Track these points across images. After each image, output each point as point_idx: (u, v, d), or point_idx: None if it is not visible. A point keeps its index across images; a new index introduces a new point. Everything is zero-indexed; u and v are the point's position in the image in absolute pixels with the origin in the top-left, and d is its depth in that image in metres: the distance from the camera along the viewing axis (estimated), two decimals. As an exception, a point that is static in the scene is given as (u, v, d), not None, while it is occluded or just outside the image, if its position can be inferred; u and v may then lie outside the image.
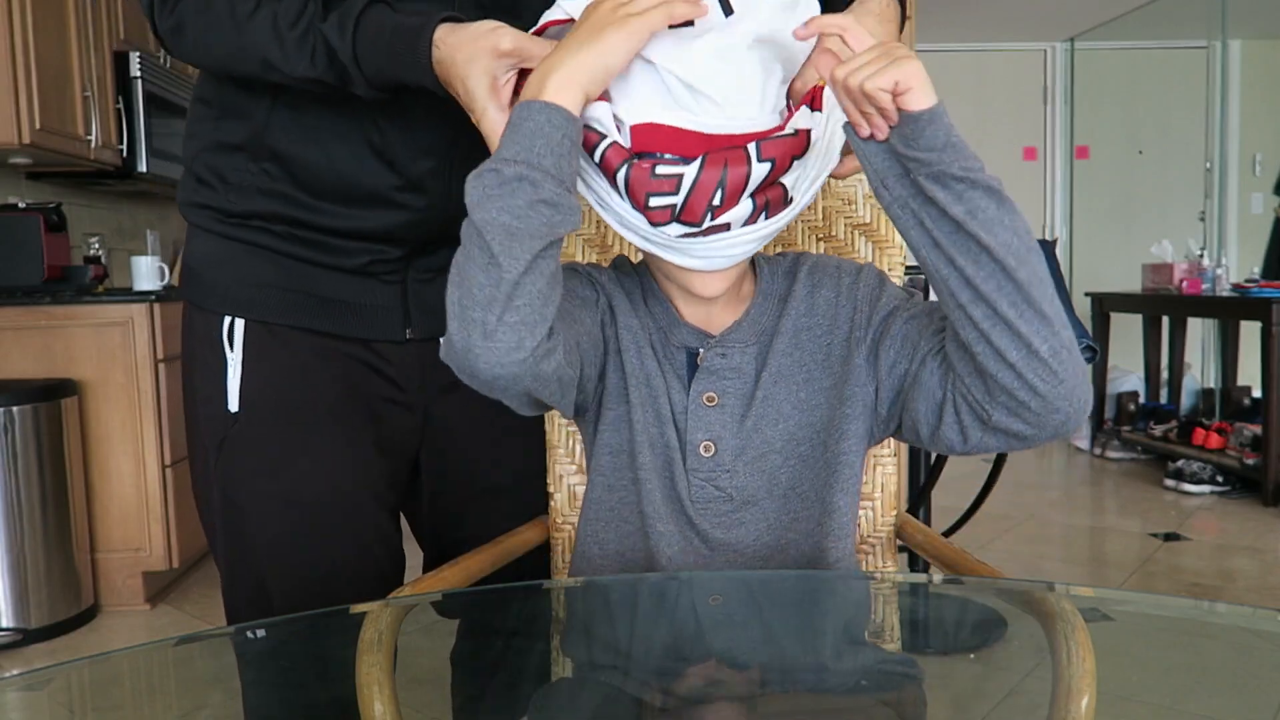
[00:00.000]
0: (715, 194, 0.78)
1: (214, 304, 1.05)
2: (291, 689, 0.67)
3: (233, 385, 1.03)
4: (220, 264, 1.05)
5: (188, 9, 0.92)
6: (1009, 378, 0.74)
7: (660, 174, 0.78)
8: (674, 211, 0.79)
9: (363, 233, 1.02)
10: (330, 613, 0.82)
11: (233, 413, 1.03)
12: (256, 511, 1.03)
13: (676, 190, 0.78)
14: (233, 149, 1.02)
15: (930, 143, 0.74)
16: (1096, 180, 5.85)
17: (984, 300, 0.74)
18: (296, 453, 1.03)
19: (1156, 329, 4.81)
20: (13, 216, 2.96)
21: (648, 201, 0.79)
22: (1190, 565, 3.07)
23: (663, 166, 0.78)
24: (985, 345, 0.74)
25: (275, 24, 0.88)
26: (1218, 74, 5.43)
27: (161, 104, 3.46)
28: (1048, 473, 4.58)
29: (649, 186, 0.78)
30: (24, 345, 2.75)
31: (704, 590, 0.85)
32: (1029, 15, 5.23)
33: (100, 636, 2.67)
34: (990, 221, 0.73)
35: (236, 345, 1.03)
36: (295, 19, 0.88)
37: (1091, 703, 0.62)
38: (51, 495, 2.63)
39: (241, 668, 0.73)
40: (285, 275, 1.03)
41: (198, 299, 1.07)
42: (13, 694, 0.66)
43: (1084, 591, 0.93)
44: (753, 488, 0.91)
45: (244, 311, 1.03)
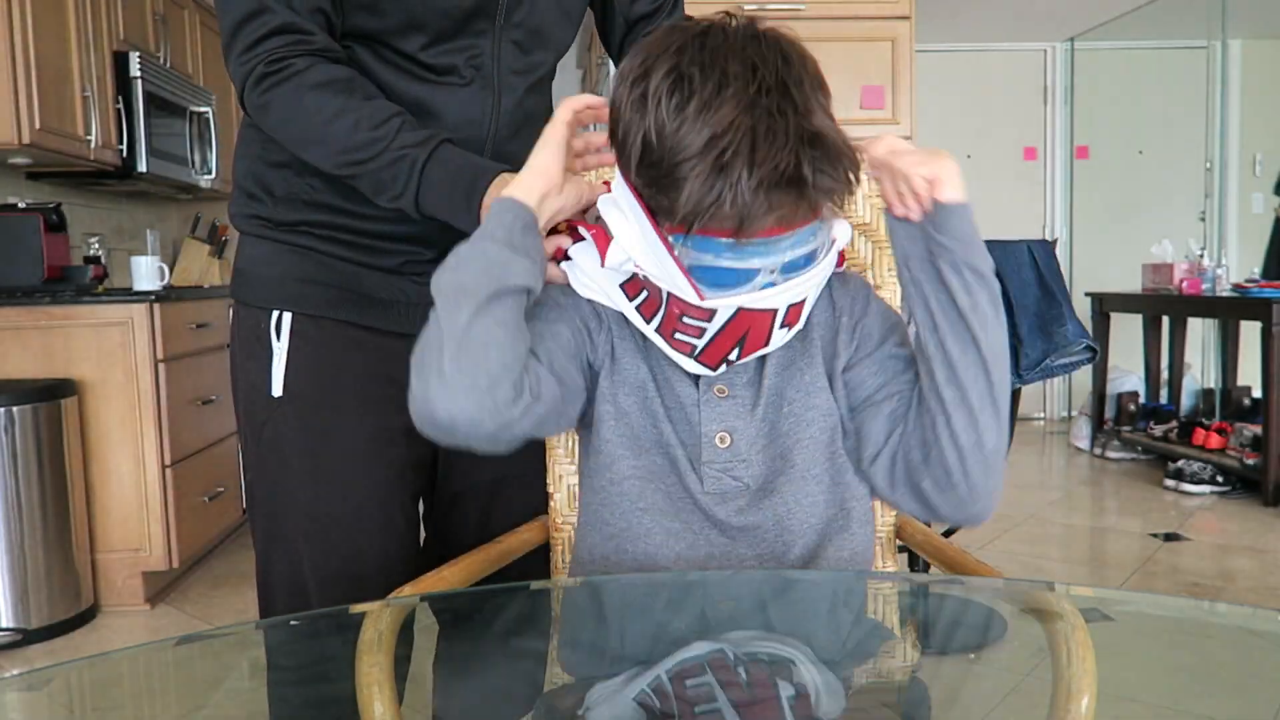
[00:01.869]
0: (732, 351, 0.87)
1: (263, 300, 1.12)
2: (292, 689, 0.67)
3: (277, 372, 1.10)
4: (269, 264, 1.12)
5: (283, 94, 0.98)
6: (952, 457, 0.82)
7: (686, 323, 0.86)
8: (693, 351, 0.88)
9: (397, 235, 1.10)
10: (330, 613, 0.82)
11: (276, 398, 1.10)
12: (292, 490, 1.10)
13: (700, 336, 0.86)
14: (279, 165, 1.10)
15: (957, 233, 0.82)
16: (1096, 180, 5.85)
17: (958, 384, 0.82)
18: (332, 435, 1.10)
19: (1156, 329, 4.81)
20: (13, 216, 2.96)
21: (673, 334, 0.88)
22: (1190, 565, 3.07)
23: (689, 319, 0.85)
24: (944, 421, 0.82)
25: (357, 122, 0.96)
26: (1218, 74, 5.43)
27: (161, 104, 3.46)
28: (1048, 473, 4.58)
29: (676, 327, 0.87)
30: (24, 345, 2.75)
31: (702, 590, 0.85)
32: (1029, 15, 5.22)
33: (100, 636, 2.67)
34: (986, 320, 0.82)
35: (284, 336, 1.10)
36: (383, 121, 0.96)
37: (1091, 703, 0.62)
38: (51, 495, 2.63)
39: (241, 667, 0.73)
40: (328, 273, 1.11)
41: (247, 297, 1.14)
42: (13, 694, 0.66)
43: (1084, 591, 0.93)
44: (770, 475, 0.92)
45: (291, 305, 1.10)
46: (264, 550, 1.14)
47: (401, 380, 1.09)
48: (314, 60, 0.97)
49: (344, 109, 0.96)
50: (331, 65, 0.98)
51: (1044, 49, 5.84)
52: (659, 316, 0.88)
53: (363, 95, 0.98)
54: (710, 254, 0.80)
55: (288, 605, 1.11)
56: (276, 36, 0.97)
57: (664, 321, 0.88)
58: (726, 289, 0.82)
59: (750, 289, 0.82)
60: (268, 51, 0.97)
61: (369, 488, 1.11)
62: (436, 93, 1.05)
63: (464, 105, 1.07)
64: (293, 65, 0.97)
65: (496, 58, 1.08)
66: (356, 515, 1.10)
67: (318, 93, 0.96)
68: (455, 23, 1.04)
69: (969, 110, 5.73)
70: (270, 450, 1.11)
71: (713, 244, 0.80)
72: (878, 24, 3.80)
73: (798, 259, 0.82)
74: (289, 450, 1.10)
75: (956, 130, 5.69)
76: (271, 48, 0.97)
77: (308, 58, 0.97)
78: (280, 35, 0.97)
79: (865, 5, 3.78)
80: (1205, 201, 5.43)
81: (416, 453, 1.15)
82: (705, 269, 0.81)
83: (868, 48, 3.80)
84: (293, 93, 0.97)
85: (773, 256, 0.80)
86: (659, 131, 0.77)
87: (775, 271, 0.81)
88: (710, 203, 0.76)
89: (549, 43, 1.14)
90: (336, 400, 1.10)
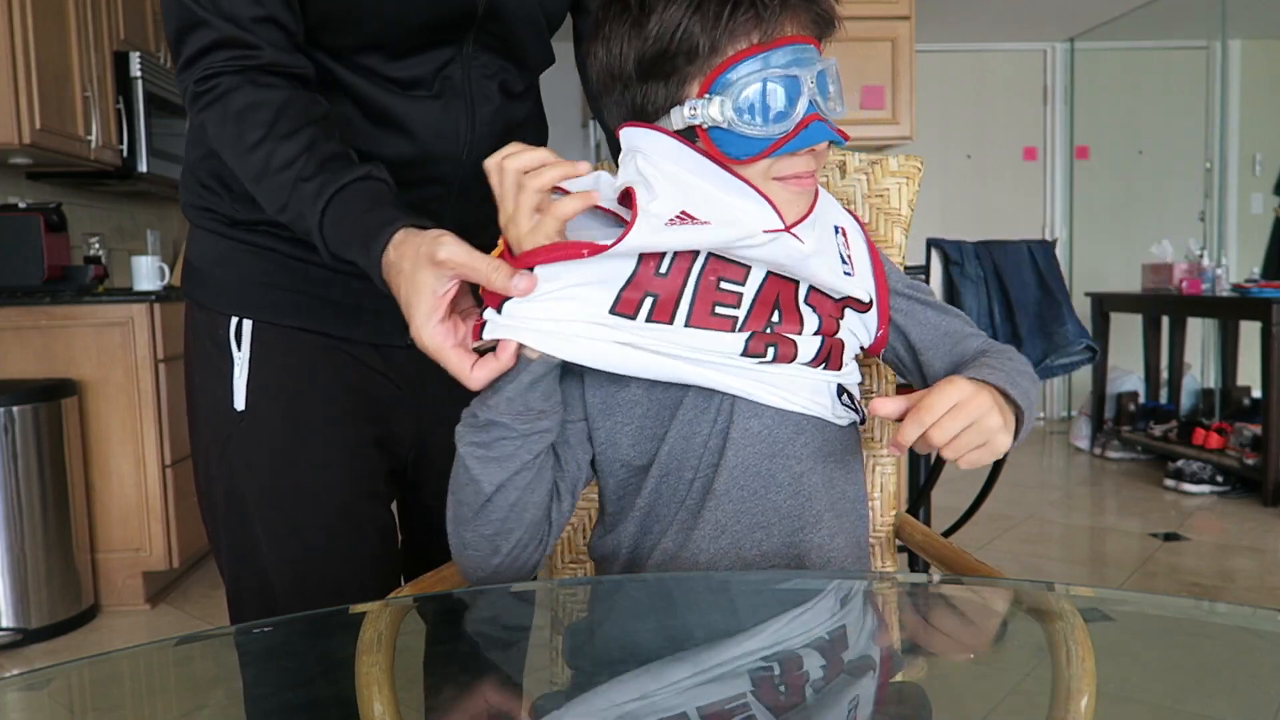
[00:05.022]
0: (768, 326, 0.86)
1: (221, 304, 1.05)
2: (291, 689, 0.67)
3: (239, 384, 1.03)
4: (226, 265, 1.05)
5: (210, 118, 0.92)
6: None
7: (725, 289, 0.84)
8: (735, 324, 0.84)
9: None
10: (330, 613, 0.82)
11: (239, 411, 1.03)
12: (261, 507, 1.04)
13: (739, 305, 0.84)
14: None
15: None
16: (1096, 180, 5.85)
17: None
18: (300, 450, 1.04)
19: (1156, 329, 4.81)
20: (13, 216, 2.96)
21: (713, 310, 0.83)
22: (1190, 565, 3.07)
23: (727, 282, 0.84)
24: None
25: (268, 163, 0.88)
26: (1218, 74, 5.43)
27: (161, 104, 3.46)
28: (1048, 473, 4.58)
29: (715, 298, 0.83)
30: (24, 345, 2.75)
31: (702, 590, 0.85)
32: (1029, 15, 5.22)
33: (100, 636, 2.67)
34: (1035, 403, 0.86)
35: (245, 345, 1.04)
36: (285, 165, 0.87)
37: (1091, 703, 0.62)
38: (51, 495, 2.63)
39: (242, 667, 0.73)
40: (290, 276, 1.04)
41: (203, 299, 1.07)
42: (13, 694, 0.66)
43: (1084, 591, 0.93)
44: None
45: (252, 313, 1.04)
46: (232, 568, 1.08)
47: (369, 389, 1.07)
48: (243, 80, 0.90)
49: (260, 141, 0.88)
50: (260, 88, 0.90)
51: (1044, 49, 5.84)
52: (687, 303, 0.82)
53: (286, 125, 0.88)
54: (746, 82, 0.80)
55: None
56: (217, 51, 0.89)
57: (697, 301, 0.82)
58: (778, 121, 0.81)
59: (800, 112, 0.81)
60: (203, 67, 0.90)
61: (340, 502, 1.05)
62: (404, 104, 0.99)
63: (434, 118, 1.01)
64: (219, 85, 0.90)
65: (467, 72, 1.02)
66: (328, 532, 1.05)
67: (238, 120, 0.89)
68: (418, 40, 0.98)
69: (969, 110, 5.73)
70: (236, 466, 1.04)
71: (743, 70, 0.80)
72: (878, 24, 3.80)
73: (827, 94, 0.83)
74: (257, 466, 1.04)
75: (956, 130, 5.69)
76: (209, 63, 0.90)
77: (238, 76, 0.90)
78: (221, 50, 0.89)
79: (865, 5, 3.78)
80: (1205, 201, 5.43)
81: (388, 463, 1.11)
82: (749, 110, 0.80)
83: (868, 48, 3.81)
84: (219, 116, 0.90)
85: (807, 67, 0.81)
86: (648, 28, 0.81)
87: (815, 94, 0.81)
88: (728, 9, 0.78)
89: (525, 58, 1.07)
90: (304, 413, 1.04)
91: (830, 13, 0.84)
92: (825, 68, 0.83)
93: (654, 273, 0.81)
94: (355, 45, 0.96)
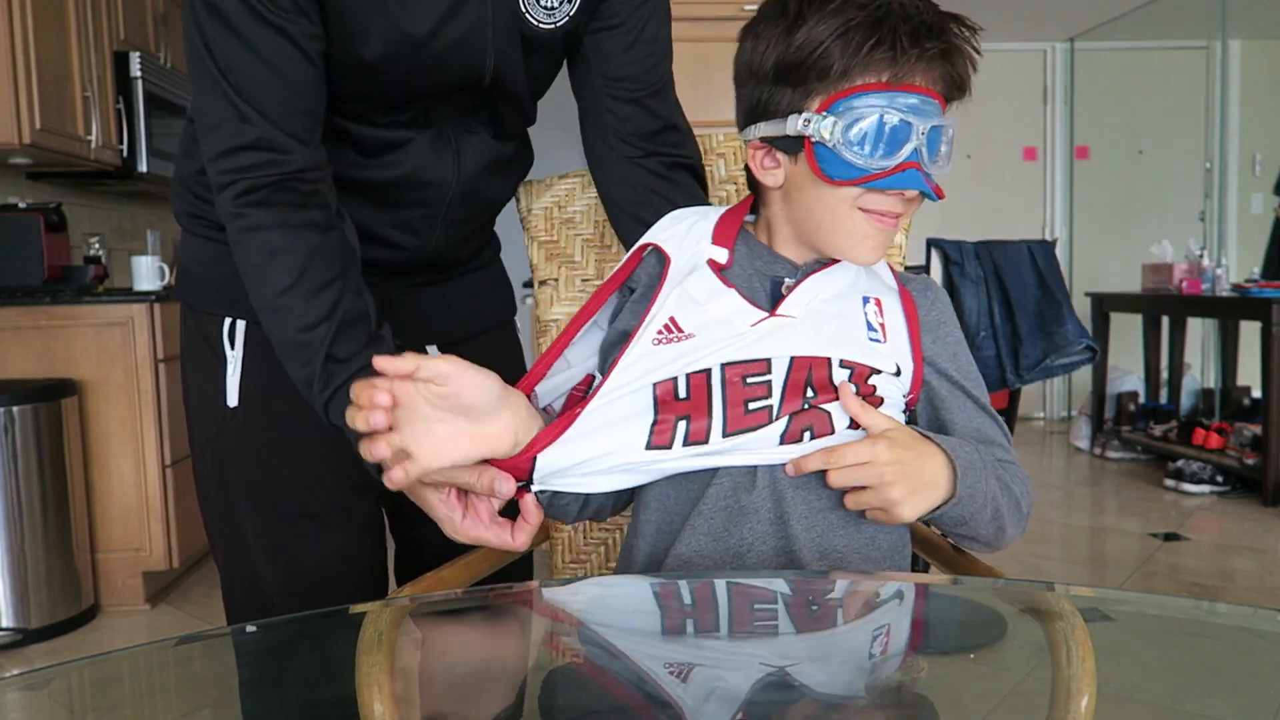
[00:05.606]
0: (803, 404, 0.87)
1: (215, 306, 1.06)
2: (291, 689, 0.67)
3: (232, 382, 1.05)
4: (218, 267, 1.05)
5: (242, 246, 0.91)
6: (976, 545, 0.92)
7: (751, 384, 0.85)
8: (771, 415, 0.84)
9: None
10: (330, 613, 0.82)
11: (231, 408, 1.05)
12: (251, 504, 1.06)
13: (769, 395, 0.85)
14: None
15: (941, 525, 0.88)
16: (1096, 180, 5.85)
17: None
18: (290, 447, 1.05)
19: (1156, 329, 4.81)
20: (13, 216, 2.96)
21: (746, 408, 0.84)
22: (1190, 565, 3.07)
23: (752, 377, 0.85)
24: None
25: (289, 320, 0.89)
26: (1218, 74, 5.43)
27: (161, 104, 3.46)
28: (1048, 473, 4.58)
29: (744, 395, 0.85)
30: (24, 345, 2.75)
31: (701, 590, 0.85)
32: (1029, 15, 5.23)
33: (100, 636, 2.67)
34: (998, 538, 0.89)
35: (238, 344, 1.05)
36: (305, 328, 0.89)
37: (1091, 703, 0.62)
38: (51, 495, 2.63)
39: (240, 667, 0.73)
40: None
41: (196, 301, 1.09)
42: (13, 694, 0.66)
43: (1084, 591, 0.93)
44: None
45: (246, 313, 1.05)
46: (225, 565, 1.10)
47: None
48: (276, 218, 0.90)
49: (287, 289, 0.89)
50: (292, 231, 0.90)
51: (1044, 49, 5.84)
52: (719, 414, 0.83)
53: (312, 281, 0.89)
54: (862, 113, 0.83)
55: (250, 618, 1.07)
56: (249, 152, 0.89)
57: (729, 408, 0.84)
58: (879, 157, 0.83)
59: (902, 156, 0.84)
60: (237, 173, 0.89)
61: (329, 496, 1.07)
62: (392, 138, 1.01)
63: (423, 152, 1.02)
64: (252, 218, 0.90)
65: (447, 115, 1.03)
66: (317, 526, 1.06)
67: (269, 260, 0.90)
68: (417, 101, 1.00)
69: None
70: (226, 461, 1.07)
71: (864, 102, 0.83)
72: (878, 24, 3.79)
73: (936, 151, 0.86)
74: (247, 460, 1.06)
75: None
76: (241, 166, 0.89)
77: (271, 211, 0.90)
78: (253, 151, 0.89)
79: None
80: (1205, 201, 5.43)
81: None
82: (857, 138, 0.83)
83: (868, 48, 3.79)
84: (250, 250, 0.91)
85: (922, 117, 0.84)
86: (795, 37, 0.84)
87: (922, 145, 0.84)
88: (869, 43, 0.81)
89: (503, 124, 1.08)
90: (293, 408, 1.03)
91: (964, 78, 0.87)
92: (941, 125, 0.86)
93: (674, 398, 0.84)
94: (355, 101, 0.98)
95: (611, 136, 1.07)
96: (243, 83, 0.88)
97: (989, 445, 0.92)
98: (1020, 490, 0.90)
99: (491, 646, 0.77)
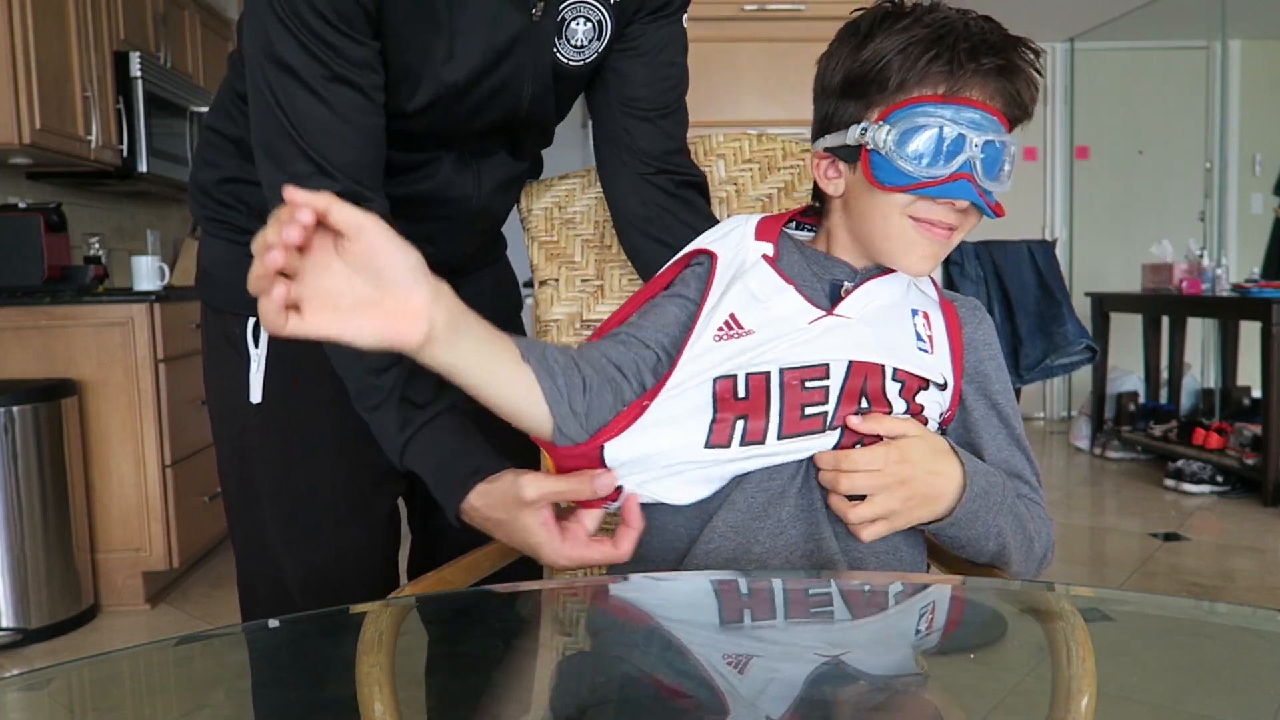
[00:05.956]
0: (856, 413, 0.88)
1: (237, 306, 1.09)
2: (292, 689, 0.67)
3: (256, 379, 1.08)
4: (242, 268, 1.05)
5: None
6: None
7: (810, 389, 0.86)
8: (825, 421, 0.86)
9: None
10: (330, 613, 0.82)
11: (255, 404, 1.09)
12: (273, 500, 1.09)
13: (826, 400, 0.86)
14: (257, 185, 1.05)
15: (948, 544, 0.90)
16: (1096, 180, 5.85)
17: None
18: (310, 438, 1.09)
19: (1156, 329, 4.81)
20: (13, 216, 2.96)
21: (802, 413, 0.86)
22: (1190, 565, 3.07)
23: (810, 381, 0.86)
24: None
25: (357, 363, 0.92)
26: (1218, 74, 5.43)
27: (161, 104, 3.46)
28: (1048, 473, 4.58)
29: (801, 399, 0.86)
30: (24, 345, 2.75)
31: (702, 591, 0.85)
32: (1029, 15, 5.22)
33: (100, 636, 2.67)
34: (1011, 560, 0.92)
35: (262, 343, 1.08)
36: (379, 370, 0.92)
37: (1091, 703, 0.62)
38: (51, 495, 2.63)
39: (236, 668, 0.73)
40: None
41: (219, 303, 1.12)
42: (13, 694, 0.66)
43: (1084, 591, 0.93)
44: None
45: None
46: (244, 558, 1.14)
47: None
48: None
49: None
50: None
51: (1044, 49, 5.83)
52: (776, 416, 0.85)
53: None
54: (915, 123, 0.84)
55: (269, 613, 1.10)
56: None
57: (786, 410, 0.85)
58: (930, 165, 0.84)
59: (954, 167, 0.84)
60: None
61: (349, 492, 1.10)
62: (417, 160, 1.03)
63: (445, 172, 1.05)
64: None
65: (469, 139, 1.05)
66: (335, 519, 1.09)
67: None
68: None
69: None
70: (250, 457, 1.10)
71: (918, 112, 0.84)
72: (878, 24, 3.79)
73: (994, 168, 0.86)
74: (270, 456, 1.09)
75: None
76: None
77: None
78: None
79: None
80: (1205, 201, 5.43)
81: None
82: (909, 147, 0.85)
83: (868, 48, 3.79)
84: None
85: (976, 130, 0.84)
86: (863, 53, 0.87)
87: (976, 158, 0.84)
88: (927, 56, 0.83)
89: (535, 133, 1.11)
90: (314, 404, 1.08)
91: (1024, 97, 0.87)
92: (999, 141, 0.86)
93: (734, 397, 0.85)
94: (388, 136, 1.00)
95: (625, 153, 1.10)
96: (320, 139, 0.89)
97: (1014, 479, 0.94)
98: (1036, 530, 0.92)
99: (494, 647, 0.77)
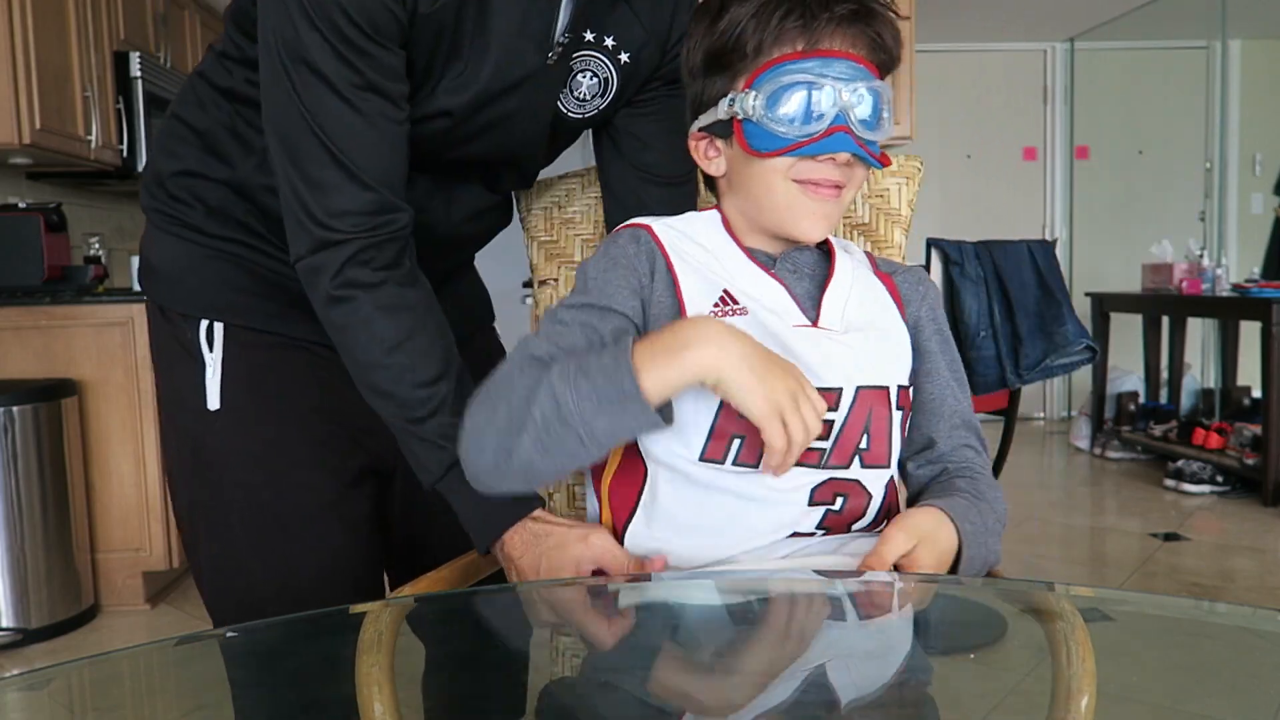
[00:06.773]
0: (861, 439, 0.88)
1: (189, 307, 1.05)
2: (291, 689, 0.67)
3: (212, 386, 1.04)
4: (193, 269, 1.05)
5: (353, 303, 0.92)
6: None
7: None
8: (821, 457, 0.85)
9: None
10: (330, 613, 0.82)
11: (213, 411, 1.04)
12: (244, 506, 1.04)
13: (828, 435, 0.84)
14: (217, 182, 1.04)
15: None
16: (1096, 180, 5.85)
17: None
18: (278, 445, 1.05)
19: (1156, 329, 4.81)
20: (13, 216, 2.96)
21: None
22: (1190, 565, 3.07)
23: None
24: None
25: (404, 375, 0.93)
26: (1218, 74, 5.43)
27: (161, 104, 3.46)
28: (1048, 473, 4.58)
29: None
30: (24, 345, 2.75)
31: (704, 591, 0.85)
32: (1029, 15, 5.23)
33: (100, 636, 2.67)
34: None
35: (216, 346, 1.04)
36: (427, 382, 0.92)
37: (1091, 703, 0.62)
38: (51, 495, 2.63)
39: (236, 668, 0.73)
40: (260, 284, 1.05)
41: (169, 303, 1.07)
42: (13, 694, 0.66)
43: (1084, 591, 0.93)
44: None
45: (224, 316, 1.04)
46: (211, 571, 1.08)
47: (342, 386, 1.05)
48: (390, 271, 0.92)
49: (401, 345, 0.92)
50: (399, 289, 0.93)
51: (1044, 49, 5.83)
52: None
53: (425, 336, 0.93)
54: (779, 83, 0.83)
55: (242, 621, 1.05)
56: (371, 216, 0.90)
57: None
58: (803, 124, 0.83)
59: (826, 121, 0.83)
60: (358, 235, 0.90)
61: (321, 496, 1.06)
62: None
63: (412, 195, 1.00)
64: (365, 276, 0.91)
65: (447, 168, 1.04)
66: (310, 524, 1.05)
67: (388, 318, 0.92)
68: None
69: (969, 110, 5.72)
70: (213, 465, 1.05)
71: (780, 72, 0.83)
72: (878, 24, 3.79)
73: (869, 116, 0.85)
74: (234, 464, 1.04)
75: (956, 130, 5.69)
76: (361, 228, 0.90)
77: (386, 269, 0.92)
78: (374, 216, 0.90)
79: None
80: (1205, 201, 5.43)
81: (367, 456, 1.10)
82: (777, 108, 0.84)
83: (868, 48, 3.79)
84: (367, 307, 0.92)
85: (843, 81, 0.83)
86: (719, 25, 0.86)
87: (848, 108, 0.83)
88: (779, 14, 0.82)
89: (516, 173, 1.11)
90: (279, 410, 1.05)
91: (884, 39, 0.86)
92: (869, 88, 0.85)
93: (738, 415, 0.82)
94: None
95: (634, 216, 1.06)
96: (350, 146, 0.89)
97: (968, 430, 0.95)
98: (1000, 510, 0.91)
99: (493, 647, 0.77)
